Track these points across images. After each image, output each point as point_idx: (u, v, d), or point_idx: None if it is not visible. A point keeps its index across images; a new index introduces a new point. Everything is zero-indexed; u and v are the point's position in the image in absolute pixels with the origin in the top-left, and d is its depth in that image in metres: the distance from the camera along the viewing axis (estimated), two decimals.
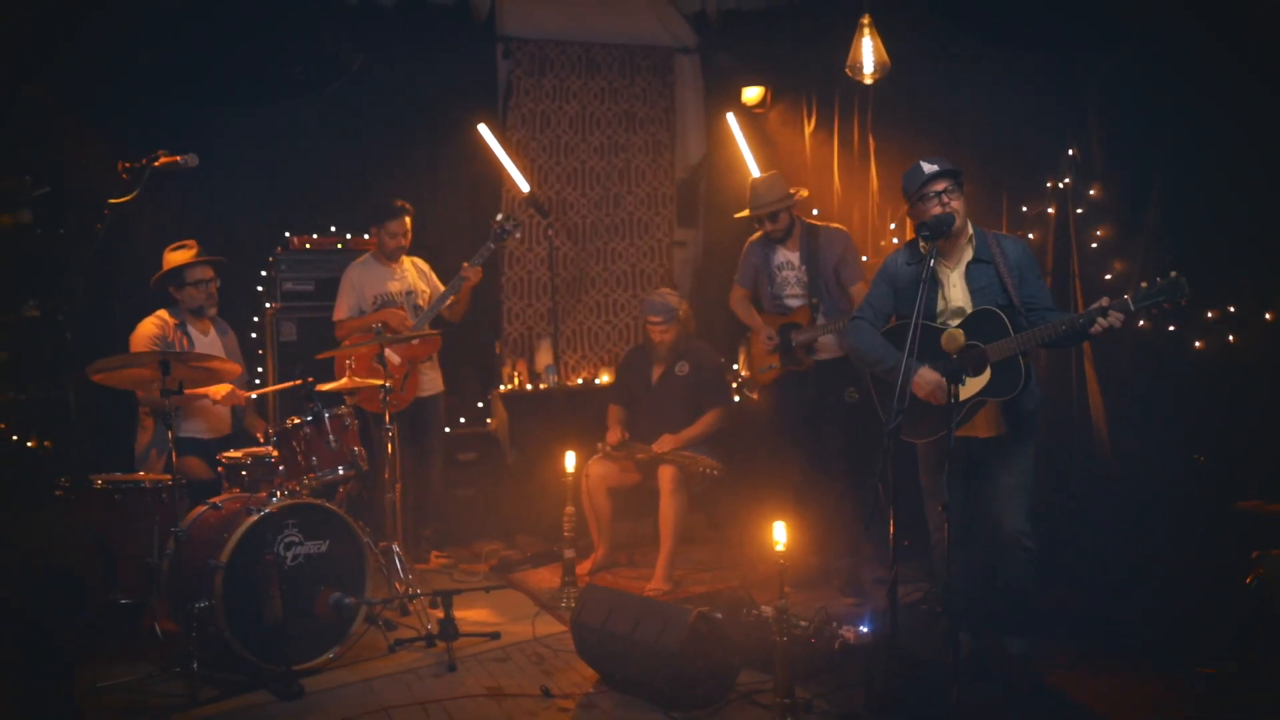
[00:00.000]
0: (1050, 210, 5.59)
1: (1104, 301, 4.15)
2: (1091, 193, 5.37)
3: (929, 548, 5.11)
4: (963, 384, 4.30)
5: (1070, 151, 5.43)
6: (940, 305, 4.60)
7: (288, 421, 5.48)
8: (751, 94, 8.08)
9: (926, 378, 4.45)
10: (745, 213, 6.23)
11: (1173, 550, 4.93)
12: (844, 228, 6.32)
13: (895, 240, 6.69)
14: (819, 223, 6.32)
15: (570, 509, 6.14)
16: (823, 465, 6.21)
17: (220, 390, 5.94)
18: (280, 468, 5.45)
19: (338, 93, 7.22)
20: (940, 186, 4.50)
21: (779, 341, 6.23)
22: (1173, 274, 4.07)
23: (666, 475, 6.30)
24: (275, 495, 5.16)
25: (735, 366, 7.99)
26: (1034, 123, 5.58)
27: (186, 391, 5.68)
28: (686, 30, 8.63)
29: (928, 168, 4.51)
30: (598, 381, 8.28)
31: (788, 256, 6.25)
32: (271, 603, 4.90)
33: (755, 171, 7.86)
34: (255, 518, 4.98)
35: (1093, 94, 5.32)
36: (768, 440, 6.64)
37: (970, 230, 4.59)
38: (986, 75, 5.82)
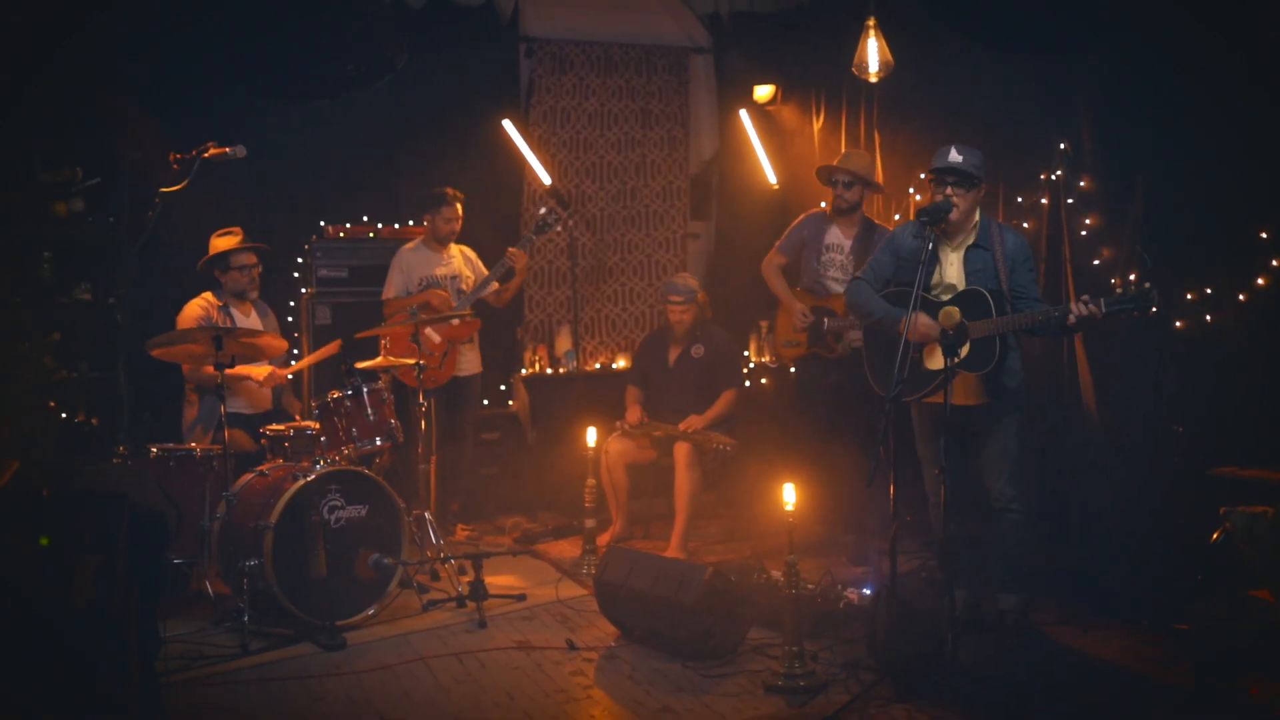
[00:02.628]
0: (1044, 200, 5.92)
1: (1083, 299, 4.48)
2: (1081, 184, 5.71)
3: (929, 518, 5.46)
4: (957, 355, 4.65)
5: (1062, 145, 5.77)
6: (935, 279, 4.95)
7: (329, 395, 5.85)
8: (763, 92, 8.39)
9: (921, 320, 4.75)
10: (832, 165, 6.37)
11: (1154, 514, 5.29)
12: None
13: None
14: (878, 222, 6.56)
15: (591, 481, 6.48)
16: (837, 443, 6.46)
17: (262, 372, 6.30)
18: (321, 439, 5.81)
19: (371, 92, 7.54)
20: (950, 179, 4.83)
21: (809, 326, 6.40)
22: (1145, 285, 4.41)
23: (682, 451, 6.61)
24: (319, 463, 5.53)
25: (746, 353, 8.30)
26: (1028, 118, 5.91)
27: (230, 372, 6.05)
28: (701, 31, 8.92)
29: (951, 156, 4.82)
30: (615, 366, 8.56)
31: (840, 239, 6.43)
32: (317, 561, 5.28)
33: (767, 167, 8.22)
34: (301, 483, 5.35)
35: (1082, 90, 5.66)
36: (781, 416, 6.90)
37: (976, 218, 4.93)
38: (983, 73, 6.14)
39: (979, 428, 4.98)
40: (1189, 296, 5.19)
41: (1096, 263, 5.59)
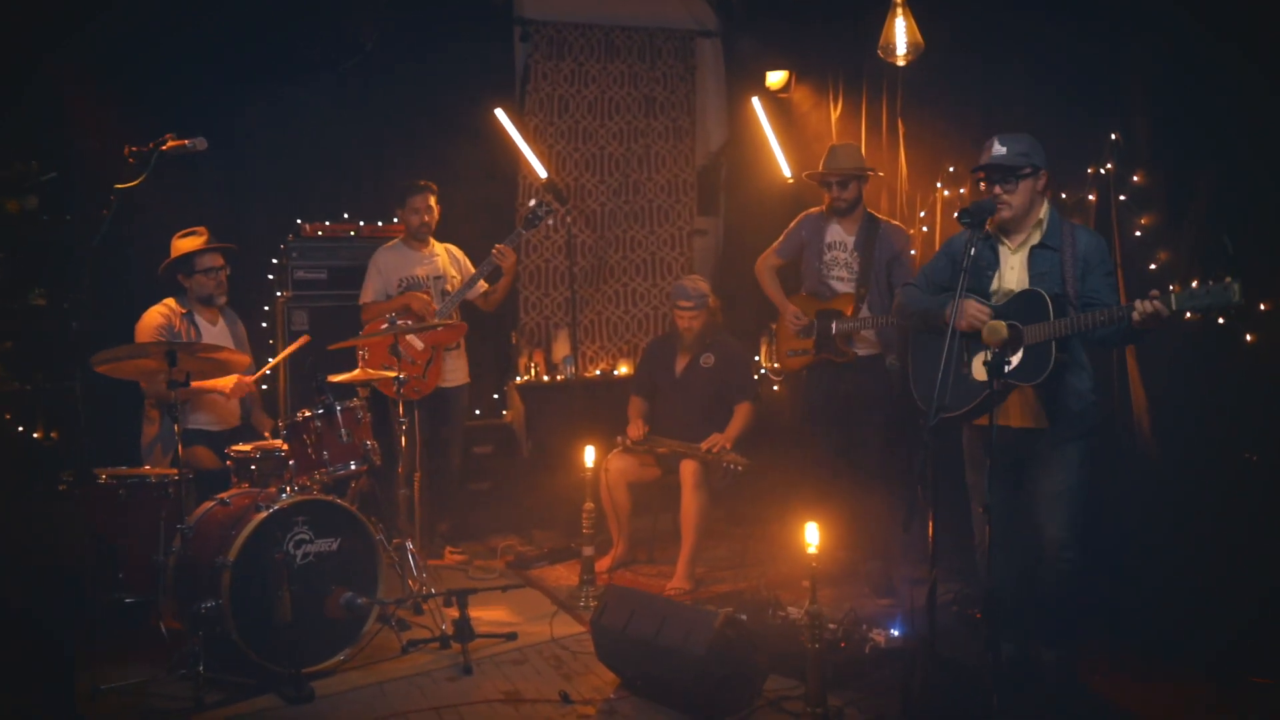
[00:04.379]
0: (1091, 198, 5.36)
1: (1152, 294, 3.92)
2: (1135, 179, 5.14)
3: (967, 546, 4.92)
4: (1003, 375, 4.09)
5: (1113, 135, 5.20)
6: (994, 285, 4.40)
7: (298, 414, 5.31)
8: (775, 78, 7.88)
9: (970, 306, 4.23)
10: (817, 171, 5.97)
11: (1221, 552, 4.71)
12: (904, 228, 6.11)
13: (925, 229, 6.47)
14: (882, 217, 6.10)
15: (589, 505, 5.95)
16: (853, 460, 6.00)
17: (228, 383, 5.76)
18: (290, 462, 5.27)
19: (352, 76, 7.07)
20: (995, 176, 4.29)
21: (814, 326, 5.98)
22: (1226, 279, 3.81)
23: (688, 471, 6.11)
24: (285, 491, 4.99)
25: (757, 359, 7.78)
26: (1076, 105, 5.33)
27: (195, 385, 5.53)
28: (708, 13, 8.45)
29: (995, 150, 4.28)
30: (616, 373, 8.10)
31: (842, 237, 6.00)
32: (281, 603, 4.73)
33: (780, 158, 7.68)
34: (264, 514, 4.81)
35: (1140, 74, 5.08)
36: (794, 431, 6.42)
37: (1042, 215, 4.36)
38: (1025, 55, 5.58)
39: (1034, 456, 4.40)
40: (1262, 307, 4.60)
41: (1153, 267, 5.01)
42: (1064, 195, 5.47)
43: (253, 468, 5.38)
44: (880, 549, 6.00)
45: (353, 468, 5.33)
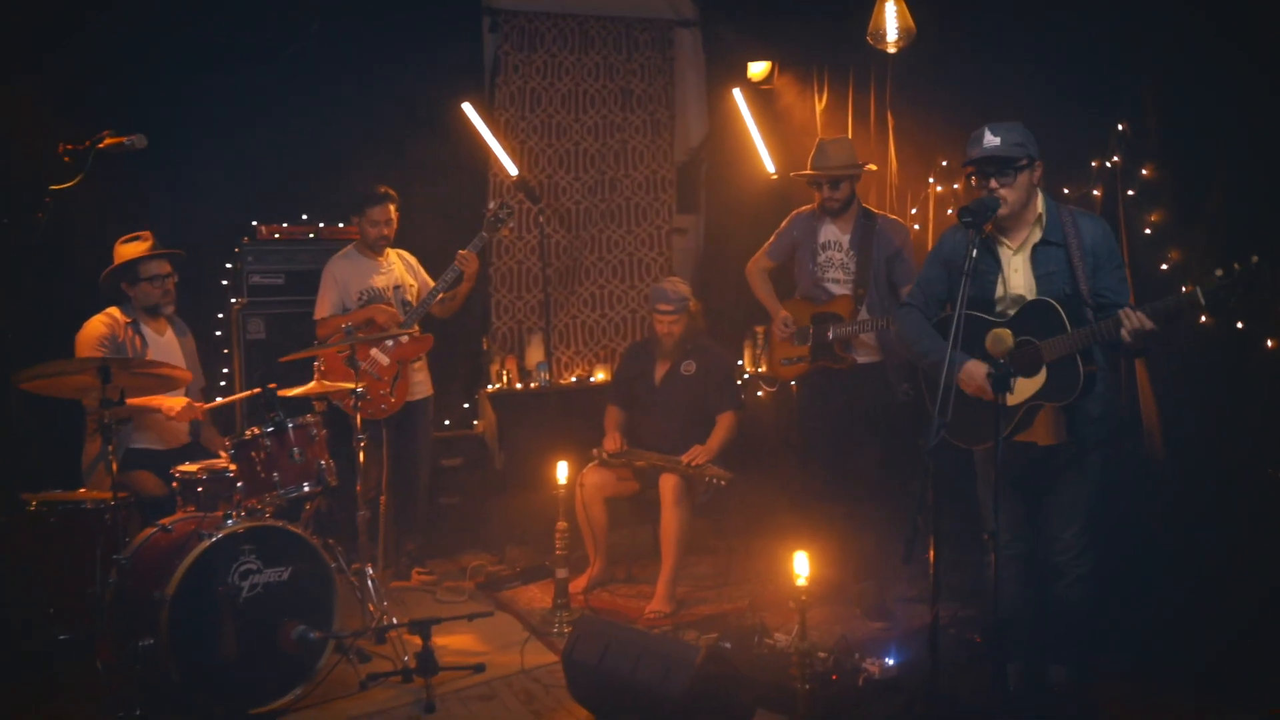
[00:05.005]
0: (1096, 193, 5.02)
1: (1185, 289, 3.60)
2: (1144, 172, 4.80)
3: (964, 563, 4.59)
4: (1010, 391, 3.74)
5: (1119, 126, 4.86)
6: (999, 292, 4.07)
7: (246, 433, 4.92)
8: (757, 69, 7.54)
9: (973, 372, 3.93)
10: (806, 171, 5.61)
11: (1245, 574, 4.37)
12: (903, 222, 5.76)
13: (916, 227, 6.11)
14: (879, 210, 5.75)
15: (563, 524, 5.58)
16: (849, 474, 5.67)
17: (175, 405, 5.36)
18: (239, 484, 4.88)
19: (309, 69, 6.67)
20: (990, 170, 3.95)
21: (809, 331, 5.64)
22: (1253, 259, 3.51)
23: (669, 485, 5.77)
24: (231, 517, 4.60)
25: (740, 363, 7.45)
26: (1079, 94, 4.99)
27: (136, 403, 5.15)
28: (686, 2, 8.11)
29: (986, 141, 3.95)
30: (593, 380, 7.77)
31: (836, 236, 5.64)
32: (224, 640, 4.35)
33: (763, 152, 7.34)
34: (206, 543, 4.42)
35: (1149, 62, 4.73)
36: (785, 441, 6.10)
37: (1041, 208, 4.04)
38: (1024, 41, 5.24)
39: (1052, 466, 4.10)
40: None
41: (1165, 267, 4.68)
42: (1066, 190, 5.15)
43: (199, 490, 4.99)
44: (874, 569, 5.66)
45: (306, 489, 4.95)
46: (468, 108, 7.04)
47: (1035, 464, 4.09)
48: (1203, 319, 4.48)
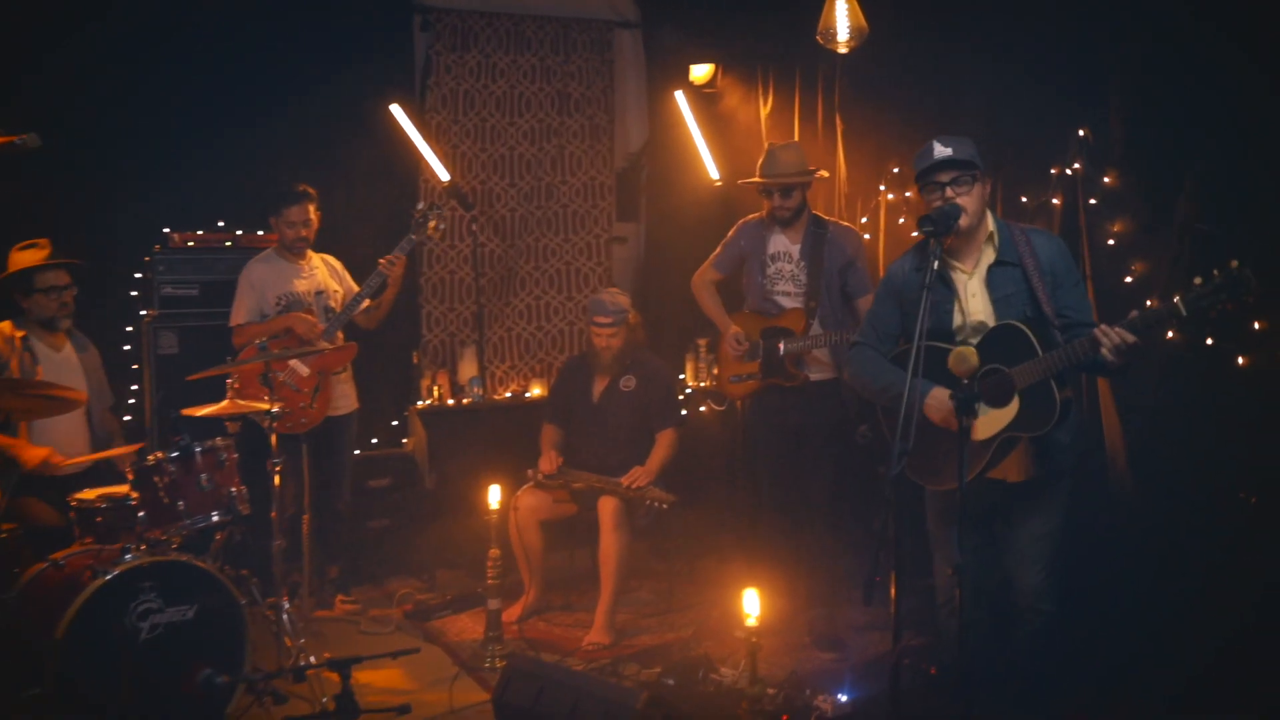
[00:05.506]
0: (1055, 201, 4.80)
1: (1152, 303, 3.36)
2: (1106, 180, 4.58)
3: (916, 589, 4.33)
4: (975, 414, 3.47)
5: (1081, 132, 4.63)
6: (957, 320, 3.80)
7: (149, 458, 4.54)
8: (700, 71, 7.29)
9: (939, 398, 3.64)
10: (755, 179, 5.33)
11: (1213, 603, 4.13)
12: (855, 229, 5.49)
13: (867, 236, 5.86)
14: (829, 217, 5.48)
15: (495, 552, 5.26)
16: (799, 496, 5.41)
17: (35, 454, 4.92)
18: (141, 514, 4.49)
19: (229, 66, 6.28)
20: (945, 178, 3.70)
21: (759, 347, 5.38)
22: (1232, 264, 3.27)
23: (608, 509, 5.49)
24: (130, 551, 4.22)
25: (682, 377, 7.19)
26: (1039, 99, 4.76)
27: None
28: (626, 2, 7.80)
29: (938, 151, 3.69)
30: (528, 395, 7.42)
31: (786, 246, 5.37)
32: (121, 688, 3.97)
33: (707, 158, 7.06)
34: (101, 581, 4.05)
35: (1112, 65, 4.51)
36: (732, 461, 5.81)
37: (991, 226, 3.80)
38: (981, 43, 5.02)
39: (1016, 500, 3.84)
40: (1256, 326, 4.04)
41: (1129, 280, 4.45)
42: (1025, 199, 4.92)
43: (98, 520, 4.60)
44: (824, 595, 5.40)
45: (215, 519, 4.58)
46: (396, 110, 6.69)
47: (997, 499, 3.83)
48: (1170, 334, 4.24)
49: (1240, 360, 4.09)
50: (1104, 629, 4.43)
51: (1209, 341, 4.09)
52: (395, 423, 7.07)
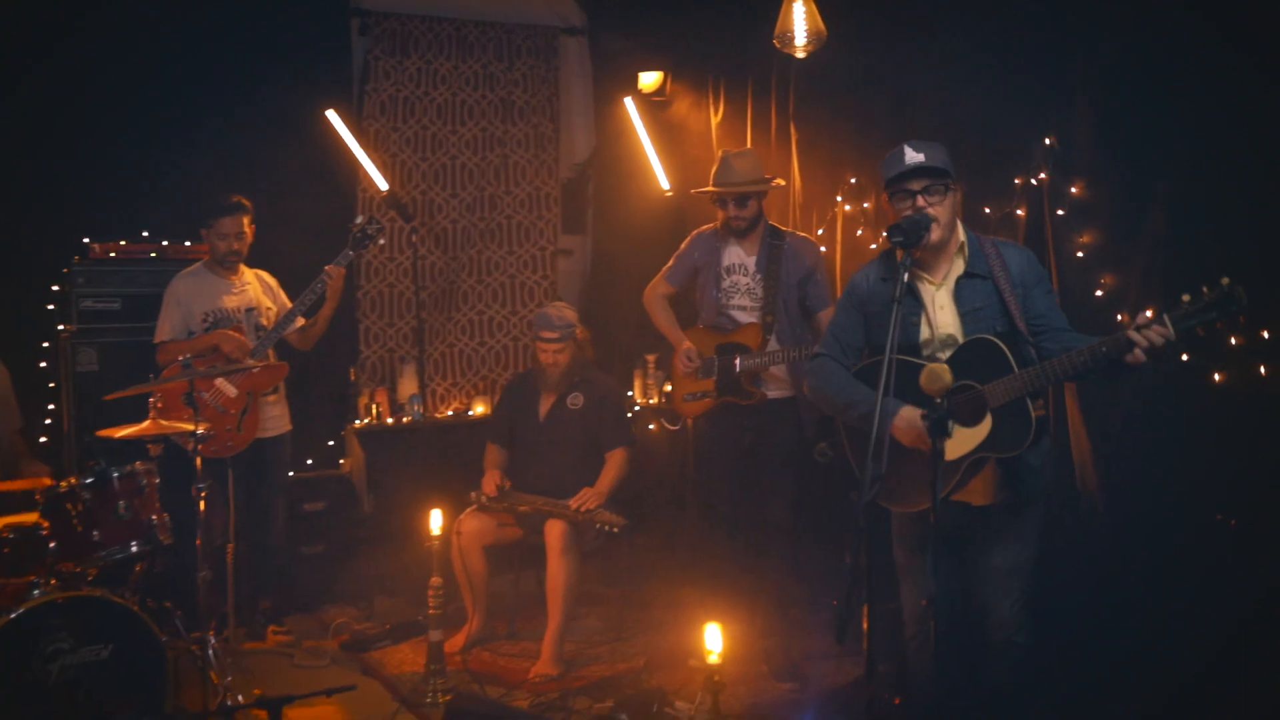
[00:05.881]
0: (1019, 212, 4.62)
1: (1147, 314, 3.17)
2: (1073, 190, 4.40)
3: (883, 611, 4.09)
4: (949, 435, 3.27)
5: (1047, 140, 4.46)
6: (924, 334, 3.61)
7: (62, 484, 4.22)
8: (648, 79, 7.08)
9: (909, 418, 3.43)
10: (709, 189, 5.11)
11: (1194, 634, 3.95)
12: (812, 239, 5.28)
13: (823, 249, 5.65)
14: (785, 228, 5.28)
15: (436, 580, 4.99)
16: (755, 518, 5.19)
17: None
18: (52, 545, 4.17)
19: (155, 67, 6.00)
20: (917, 185, 3.51)
21: (713, 366, 5.15)
22: (1224, 281, 3.09)
23: (555, 533, 5.24)
24: (39, 586, 3.90)
25: (630, 394, 6.97)
26: (1003, 105, 4.57)
27: None
28: (572, 7, 7.62)
29: (909, 157, 3.49)
30: (471, 413, 7.18)
31: (742, 259, 5.15)
32: None
33: (657, 167, 6.85)
34: (4, 621, 3.72)
35: (1079, 70, 4.34)
36: (682, 482, 5.73)
37: (962, 237, 3.61)
38: (944, 48, 4.83)
39: (985, 527, 3.64)
40: (1233, 341, 3.88)
41: (1099, 294, 4.27)
42: (988, 210, 4.74)
43: (4, 552, 4.27)
44: (781, 623, 5.19)
45: (134, 549, 4.28)
46: (332, 116, 6.43)
47: (965, 525, 3.63)
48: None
49: (1216, 377, 3.93)
50: (1077, 659, 4.24)
51: (1184, 358, 3.92)
52: (331, 443, 6.81)
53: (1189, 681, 3.85)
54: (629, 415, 5.97)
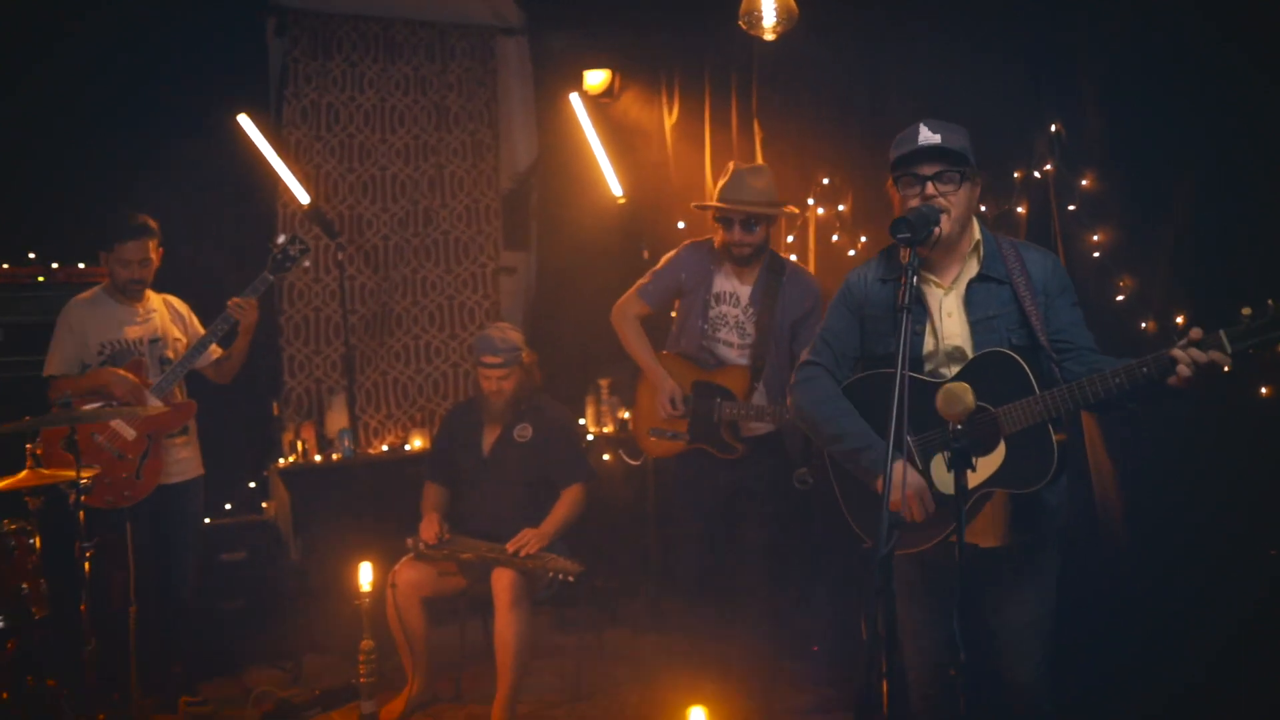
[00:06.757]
0: (1020, 210, 4.13)
1: (1194, 334, 2.67)
2: (1084, 183, 3.91)
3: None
4: (973, 469, 2.75)
5: (1053, 127, 3.97)
6: (928, 345, 3.12)
7: None
8: (595, 79, 6.58)
9: (905, 481, 2.93)
10: (714, 204, 4.54)
11: (1238, 688, 3.45)
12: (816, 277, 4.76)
13: (794, 257, 5.14)
14: (784, 255, 4.78)
15: (367, 643, 4.44)
16: (729, 563, 4.70)
17: None
18: None
19: (41, 71, 5.43)
20: (929, 170, 3.01)
21: (689, 404, 4.61)
22: (1269, 302, 2.64)
23: (504, 583, 4.71)
24: None
25: (582, 420, 6.44)
26: (996, 90, 4.11)
27: None
28: (510, 6, 7.07)
29: (923, 136, 3.01)
30: (408, 448, 6.65)
31: (735, 287, 4.60)
32: None
33: (608, 172, 6.32)
34: None
35: (1088, 46, 3.86)
36: (643, 519, 5.42)
37: (977, 235, 3.13)
38: (929, 27, 4.37)
39: (997, 576, 3.13)
40: None
41: (1121, 299, 3.77)
42: (984, 208, 4.24)
43: None
44: (759, 684, 4.67)
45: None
46: (244, 121, 5.83)
47: (972, 571, 3.10)
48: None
49: (1263, 390, 3.43)
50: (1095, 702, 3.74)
51: (1225, 370, 3.41)
52: (253, 485, 6.22)
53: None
54: (584, 446, 5.43)
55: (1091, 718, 3.72)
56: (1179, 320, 3.28)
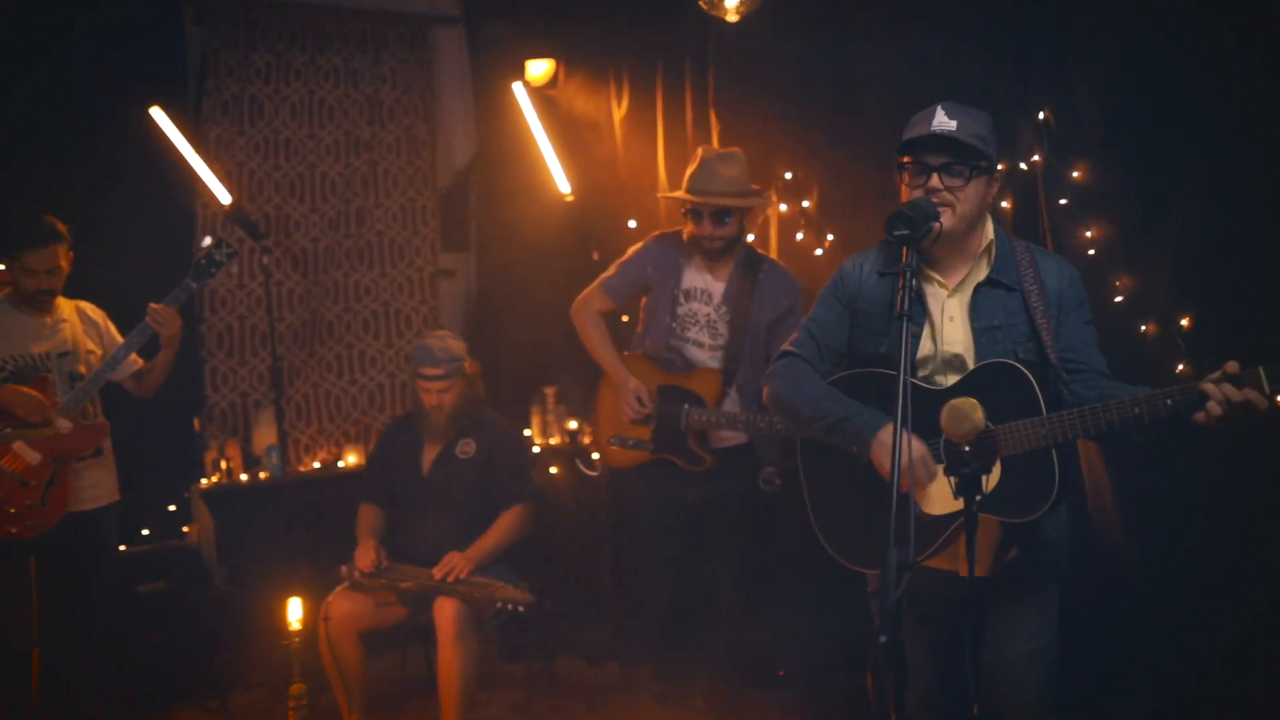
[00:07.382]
0: (1005, 205, 3.87)
1: (1229, 367, 2.42)
2: (1075, 174, 3.66)
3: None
4: (982, 494, 2.45)
5: (1041, 115, 3.70)
6: (926, 349, 2.86)
7: None
8: (537, 70, 6.27)
9: (910, 445, 2.63)
10: (681, 195, 4.27)
11: (1232, 691, 3.21)
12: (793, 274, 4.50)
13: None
14: (761, 251, 4.52)
15: (299, 687, 4.11)
16: (694, 582, 4.50)
17: None
18: None
19: None
20: (936, 160, 2.73)
21: (656, 413, 4.34)
22: None
23: (447, 614, 4.42)
24: None
25: (527, 432, 6.15)
26: (976, 76, 3.85)
27: None
28: None
29: (937, 122, 2.72)
30: (341, 465, 6.37)
31: (707, 283, 4.35)
32: None
33: (555, 169, 6.03)
34: None
35: (1080, 26, 3.60)
36: (594, 534, 5.22)
37: (990, 236, 2.85)
38: (894, 15, 4.10)
39: (993, 608, 2.85)
40: None
41: (1119, 299, 3.50)
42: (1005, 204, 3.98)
43: None
44: (723, 707, 4.44)
45: None
46: (158, 115, 5.51)
47: (956, 603, 2.82)
48: (1181, 368, 3.30)
49: None
50: None
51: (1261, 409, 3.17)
52: (173, 508, 5.90)
53: None
54: (530, 464, 5.13)
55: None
56: (1184, 323, 3.00)
